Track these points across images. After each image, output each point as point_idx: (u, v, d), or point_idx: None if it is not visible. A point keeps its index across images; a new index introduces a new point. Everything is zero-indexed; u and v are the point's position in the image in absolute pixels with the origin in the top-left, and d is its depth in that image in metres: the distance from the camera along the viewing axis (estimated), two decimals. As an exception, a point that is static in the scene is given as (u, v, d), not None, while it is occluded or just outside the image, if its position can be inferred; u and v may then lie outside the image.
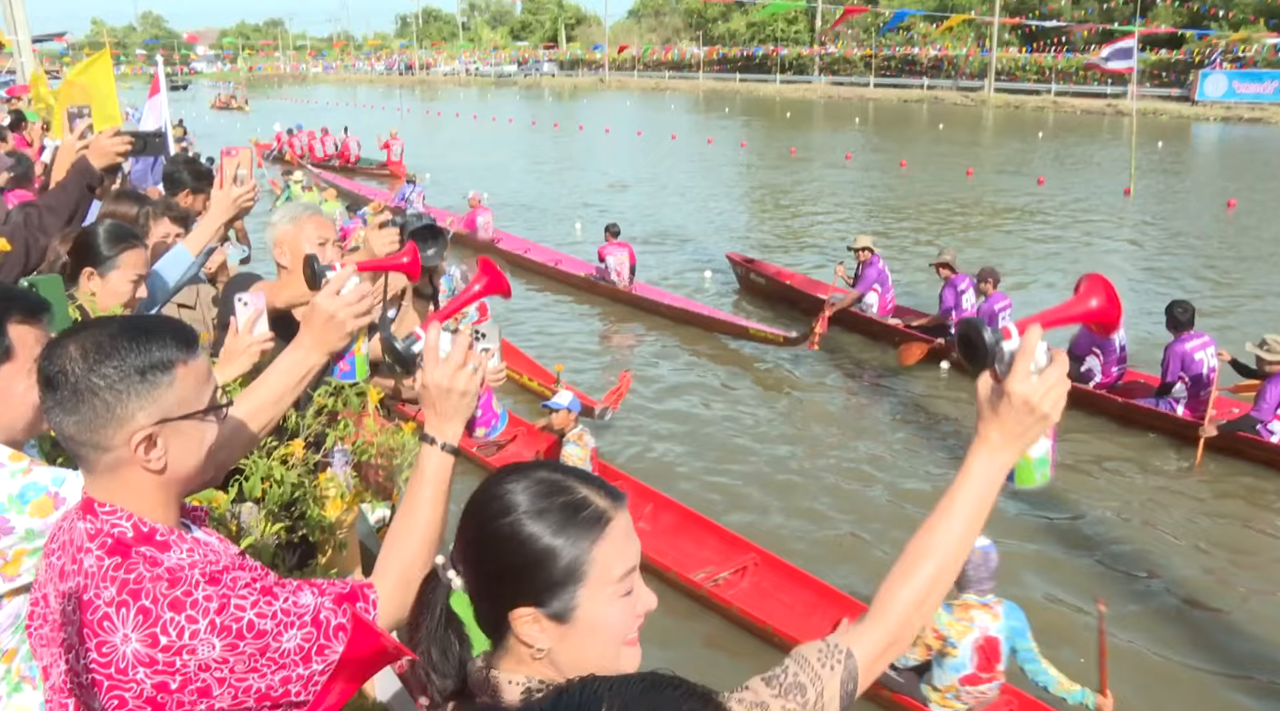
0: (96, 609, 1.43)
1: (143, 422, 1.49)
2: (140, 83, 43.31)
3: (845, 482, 7.91)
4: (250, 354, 2.73)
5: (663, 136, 36.67)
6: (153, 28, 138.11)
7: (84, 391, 1.47)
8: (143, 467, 1.51)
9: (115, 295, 3.11)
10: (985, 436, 1.44)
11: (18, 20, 17.47)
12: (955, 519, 1.45)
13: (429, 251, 2.78)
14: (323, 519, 2.93)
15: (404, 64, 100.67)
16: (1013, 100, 50.33)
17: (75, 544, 1.51)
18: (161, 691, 1.41)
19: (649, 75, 77.22)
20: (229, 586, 1.44)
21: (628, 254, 13.15)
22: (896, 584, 1.44)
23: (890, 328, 11.11)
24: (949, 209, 20.61)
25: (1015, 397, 1.37)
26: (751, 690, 1.34)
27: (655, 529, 6.73)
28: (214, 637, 1.40)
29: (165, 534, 1.52)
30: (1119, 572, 6.56)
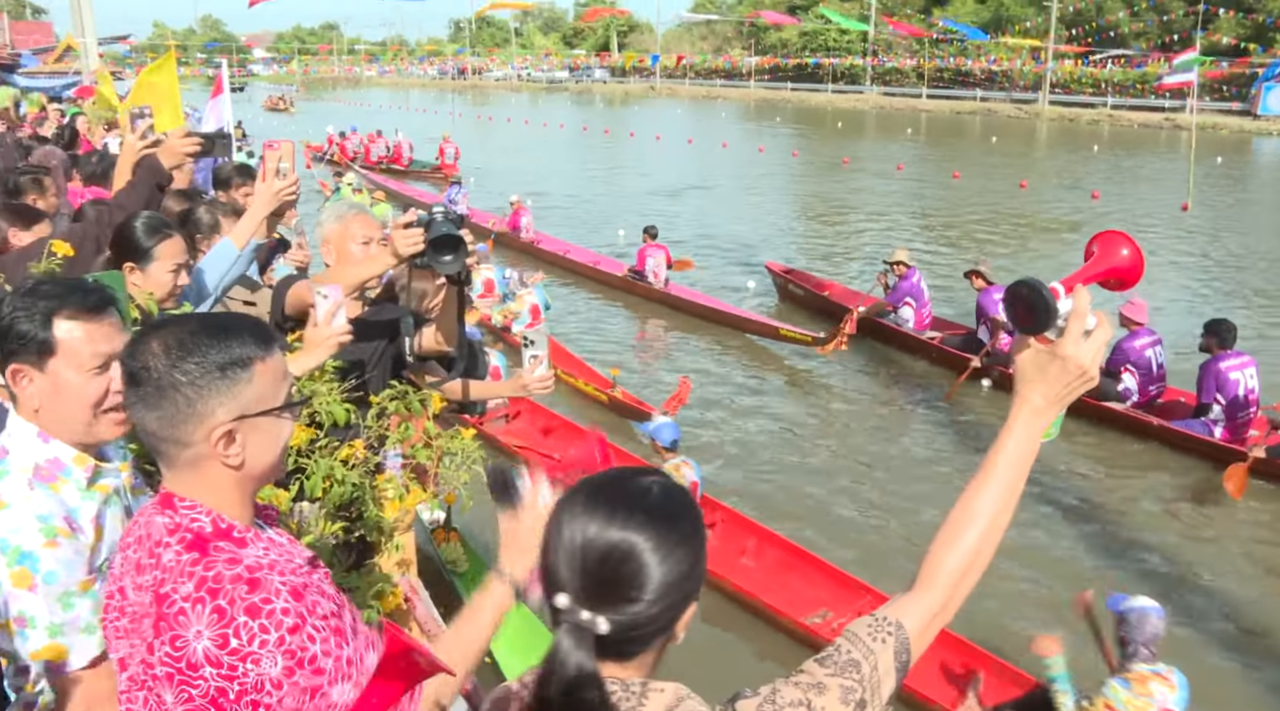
0: (173, 603, 1.44)
1: (222, 418, 1.51)
2: (199, 84, 44.07)
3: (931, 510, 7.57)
4: (329, 345, 2.77)
5: (713, 144, 36.64)
6: (211, 30, 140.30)
7: (166, 387, 1.49)
8: (222, 463, 1.53)
9: (157, 286, 3.15)
10: (1027, 398, 1.45)
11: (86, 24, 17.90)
12: (997, 482, 1.45)
13: (445, 258, 2.79)
14: (381, 519, 2.95)
15: (457, 68, 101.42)
16: (1067, 113, 49.65)
17: (153, 538, 1.53)
18: (221, 696, 1.41)
19: (700, 83, 77.23)
20: (309, 608, 1.44)
21: (665, 255, 13.53)
22: (942, 551, 1.44)
23: (924, 343, 11.01)
24: (1001, 221, 20.38)
25: (1070, 361, 1.39)
26: (807, 672, 1.34)
27: (760, 566, 6.36)
28: (279, 654, 1.40)
29: (242, 531, 1.54)
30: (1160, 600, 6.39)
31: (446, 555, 6.03)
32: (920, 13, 65.48)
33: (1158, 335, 9.09)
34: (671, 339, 12.39)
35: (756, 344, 11.79)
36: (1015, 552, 6.64)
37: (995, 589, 6.09)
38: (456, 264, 2.80)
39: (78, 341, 1.89)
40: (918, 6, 66.93)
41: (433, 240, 2.74)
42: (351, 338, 2.81)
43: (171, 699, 1.44)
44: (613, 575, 1.25)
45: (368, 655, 1.49)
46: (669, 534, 1.27)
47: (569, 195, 23.79)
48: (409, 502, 3.05)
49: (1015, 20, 57.63)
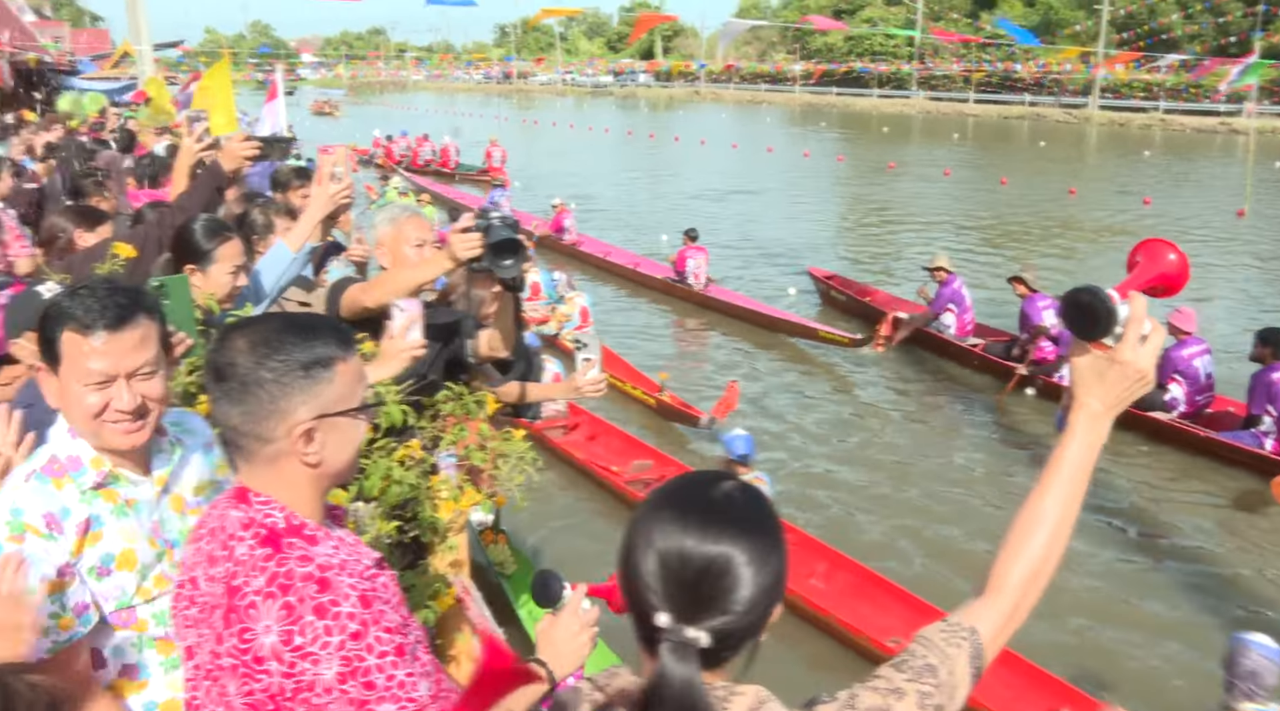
0: (244, 596, 1.46)
1: (303, 416, 1.53)
2: (249, 88, 44.59)
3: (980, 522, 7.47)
4: (403, 358, 2.80)
5: (758, 149, 36.55)
6: (261, 36, 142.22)
7: (250, 383, 1.51)
8: (300, 460, 1.55)
9: (218, 287, 3.21)
10: (1086, 403, 1.46)
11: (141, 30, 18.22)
12: (1061, 487, 1.45)
13: (506, 263, 2.80)
14: (435, 520, 2.97)
15: (503, 73, 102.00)
16: (1118, 117, 48.94)
17: (227, 531, 1.55)
18: (280, 693, 1.43)
19: (744, 88, 77.08)
20: (374, 618, 1.45)
21: (705, 257, 13.66)
22: (1010, 557, 1.44)
23: (966, 350, 10.89)
24: (1050, 227, 20.14)
25: (1129, 366, 1.40)
26: (884, 677, 1.34)
27: (831, 589, 6.18)
28: (337, 659, 1.42)
29: (313, 529, 1.55)
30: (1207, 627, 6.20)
31: (494, 557, 6.06)
32: (967, 16, 64.95)
33: (1206, 344, 8.93)
34: (713, 341, 12.43)
35: (798, 348, 11.80)
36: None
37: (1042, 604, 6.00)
38: (515, 268, 2.81)
39: (78, 356, 1.87)
40: (965, 10, 66.40)
41: (493, 245, 2.75)
42: (425, 351, 2.85)
43: (235, 690, 1.47)
44: (711, 589, 1.24)
45: (422, 683, 1.49)
46: (761, 542, 1.27)
47: (613, 199, 23.86)
48: (463, 504, 3.07)
49: (1064, 24, 56.96)
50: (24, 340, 2.68)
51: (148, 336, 1.91)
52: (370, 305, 3.12)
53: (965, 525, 7.34)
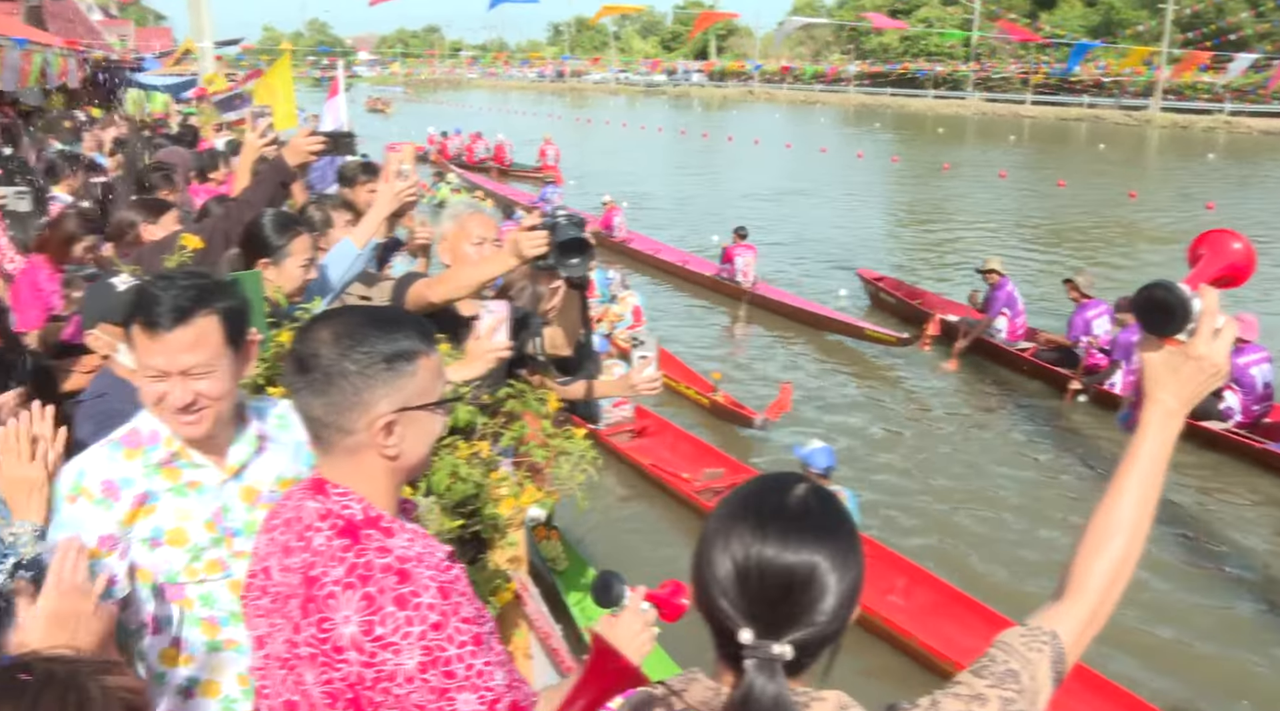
0: (323, 586, 1.48)
1: (384, 409, 1.54)
2: (305, 85, 45.21)
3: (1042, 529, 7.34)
4: (488, 359, 2.84)
5: (812, 149, 36.37)
6: (318, 34, 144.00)
7: (335, 375, 1.53)
8: (379, 453, 1.56)
9: (290, 281, 3.26)
10: (1159, 400, 1.45)
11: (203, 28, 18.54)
12: (1137, 486, 1.44)
13: (573, 262, 2.81)
14: (496, 517, 3.00)
15: (556, 71, 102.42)
16: (1180, 120, 48.01)
17: (303, 521, 1.57)
18: (359, 682, 1.45)
19: (798, 88, 76.71)
20: (453, 609, 1.46)
21: (753, 255, 13.74)
22: (1089, 560, 1.42)
23: (1014, 354, 10.75)
24: (1108, 231, 19.82)
25: (1204, 360, 1.40)
26: (964, 683, 1.32)
27: (911, 606, 5.92)
28: (418, 649, 1.43)
29: (389, 521, 1.56)
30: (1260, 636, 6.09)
31: (546, 553, 6.09)
32: (1026, 17, 64.05)
33: (1266, 352, 8.71)
34: (762, 339, 12.49)
35: (847, 348, 11.79)
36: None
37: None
38: (582, 268, 2.82)
39: (141, 349, 1.96)
40: (1023, 11, 65.47)
41: (560, 244, 2.75)
42: (511, 354, 2.87)
43: (312, 679, 1.49)
44: (794, 601, 1.22)
45: (498, 672, 1.50)
46: (841, 547, 1.25)
47: (666, 197, 23.86)
48: (524, 501, 3.09)
49: (1127, 24, 55.90)
50: (99, 331, 2.75)
51: (206, 336, 1.94)
52: (435, 301, 3.15)
53: (1035, 536, 7.21)
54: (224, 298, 2.00)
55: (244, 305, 2.06)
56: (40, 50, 14.25)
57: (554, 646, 3.44)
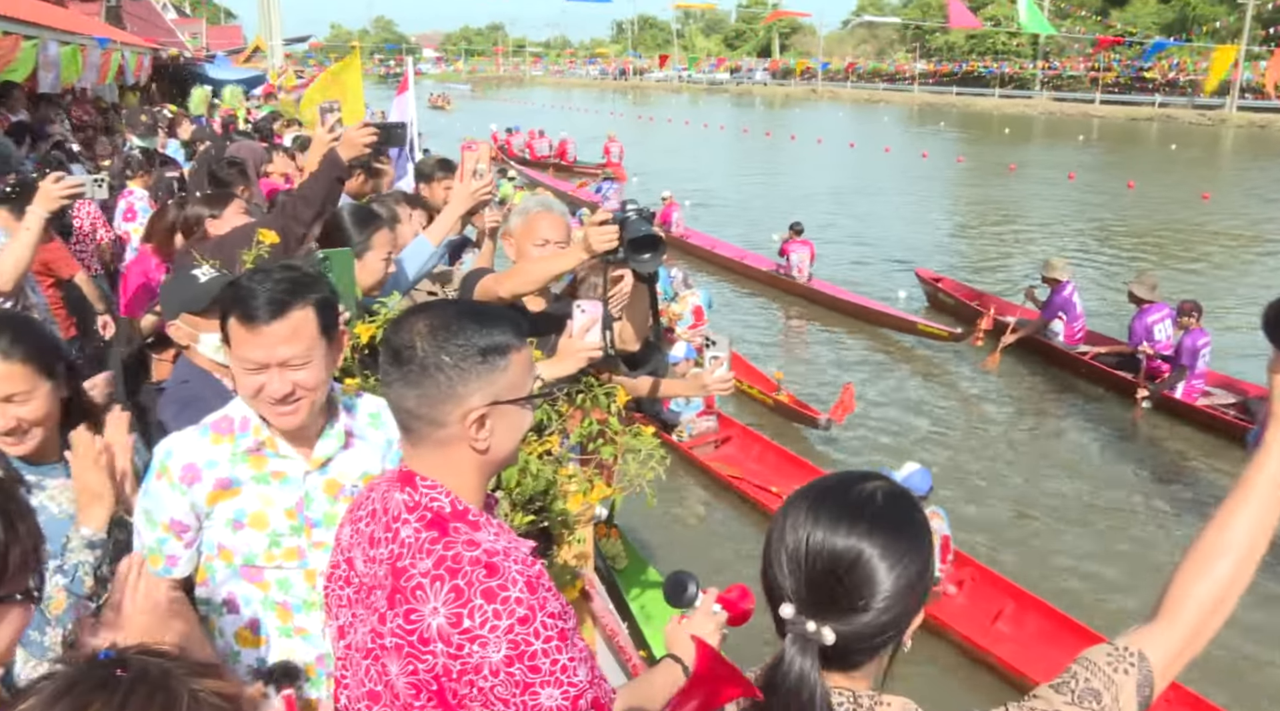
0: (411, 577, 1.50)
1: (477, 403, 1.56)
2: (370, 83, 45.81)
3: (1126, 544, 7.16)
4: (580, 358, 2.86)
5: (875, 148, 36.03)
6: (384, 31, 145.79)
7: (430, 367, 1.54)
8: (470, 446, 1.58)
9: (371, 274, 3.30)
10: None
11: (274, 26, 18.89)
12: (1256, 506, 1.36)
13: (644, 257, 2.80)
14: (565, 513, 3.02)
15: (619, 69, 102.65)
16: (1257, 119, 46.70)
17: (391, 513, 1.59)
18: (445, 674, 1.46)
19: (862, 86, 76.07)
20: (540, 603, 1.47)
21: (809, 251, 13.91)
22: (1190, 581, 1.35)
23: (1072, 358, 10.54)
24: (1180, 234, 19.36)
25: None
26: (1041, 698, 1.30)
27: (1020, 635, 5.67)
28: (505, 642, 1.43)
29: (476, 514, 1.58)
30: None
31: (607, 551, 6.10)
32: (1097, 14, 62.81)
33: None
34: (817, 335, 12.59)
35: (905, 347, 11.79)
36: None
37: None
38: (654, 263, 2.81)
39: (238, 342, 2.00)
40: (1094, 8, 64.20)
41: (632, 240, 2.75)
42: (602, 354, 2.89)
43: (397, 669, 1.50)
44: (839, 584, 1.25)
45: (581, 667, 1.50)
46: (896, 540, 1.27)
47: (728, 195, 23.79)
48: (592, 497, 3.11)
49: (1203, 20, 54.52)
50: (180, 321, 2.79)
51: (302, 328, 1.99)
52: (504, 295, 3.16)
53: (1109, 549, 7.04)
54: (317, 290, 2.05)
55: (335, 297, 2.12)
56: (118, 48, 14.62)
57: (620, 644, 3.46)
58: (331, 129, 4.08)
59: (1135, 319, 9.89)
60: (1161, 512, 7.70)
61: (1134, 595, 6.30)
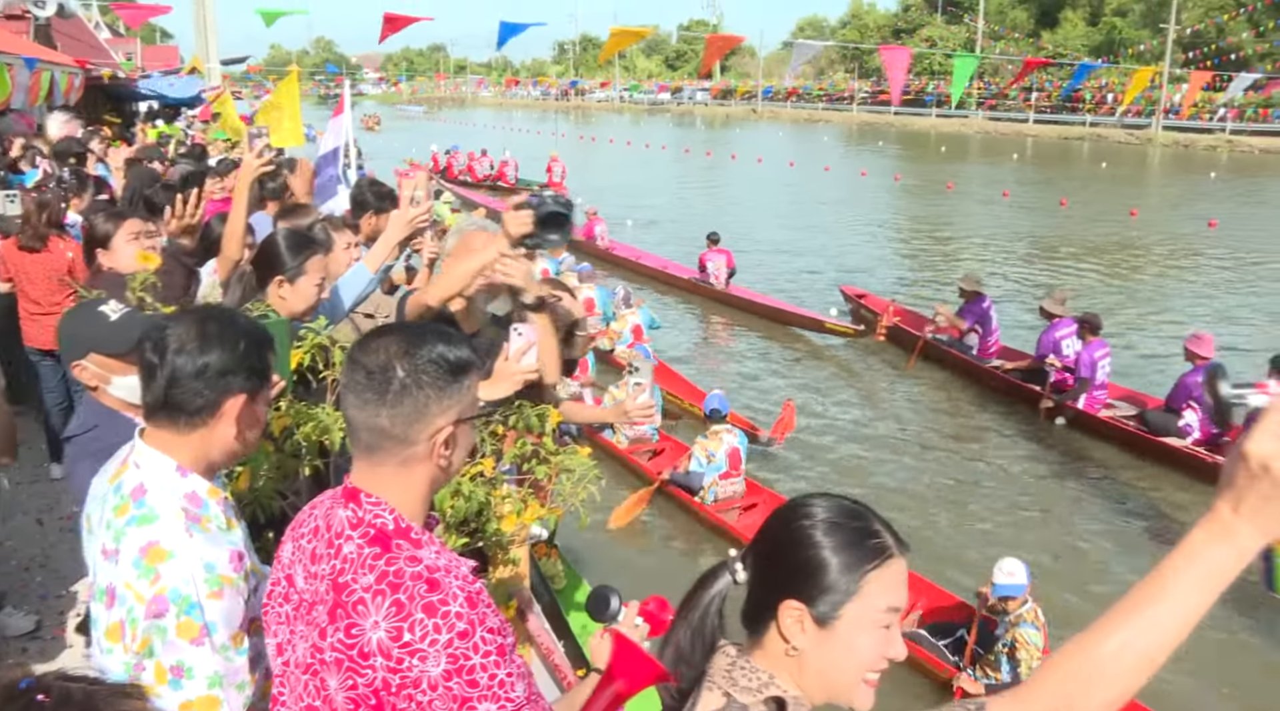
0: (352, 592, 1.50)
1: (444, 422, 1.59)
2: (309, 103, 45.44)
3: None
4: (515, 380, 2.87)
5: (816, 167, 36.47)
6: (324, 52, 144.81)
7: (411, 387, 1.57)
8: (436, 464, 1.61)
9: (304, 299, 3.28)
10: (1215, 511, 1.15)
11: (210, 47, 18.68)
12: (1153, 611, 1.17)
13: (552, 237, 2.85)
14: (500, 534, 3.03)
15: (561, 90, 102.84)
16: (1182, 138, 48.14)
17: (334, 529, 1.60)
18: (384, 688, 1.46)
19: (801, 106, 76.94)
20: (479, 618, 1.49)
21: (726, 259, 14.83)
22: (1059, 669, 1.23)
23: (984, 370, 10.88)
24: (1110, 250, 19.86)
25: (1251, 460, 1.10)
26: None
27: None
28: (444, 657, 1.45)
29: (418, 532, 1.60)
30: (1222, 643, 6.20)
31: (546, 570, 6.11)
32: (1029, 36, 64.29)
33: None
34: (739, 340, 13.29)
35: (829, 354, 12.47)
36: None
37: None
38: (563, 240, 2.88)
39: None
40: (1026, 30, 65.72)
41: (541, 218, 2.80)
42: (538, 376, 2.91)
43: (336, 684, 1.51)
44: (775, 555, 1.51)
45: (519, 683, 1.51)
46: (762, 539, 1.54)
47: (671, 214, 23.92)
48: (526, 518, 3.12)
49: (1129, 43, 56.10)
50: (89, 362, 2.58)
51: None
52: (433, 304, 3.16)
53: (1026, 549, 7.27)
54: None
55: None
56: (48, 68, 14.36)
57: (556, 662, 3.47)
58: (260, 154, 4.07)
59: (1044, 333, 10.24)
60: (1057, 516, 8.07)
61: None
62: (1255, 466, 1.10)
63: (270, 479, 2.78)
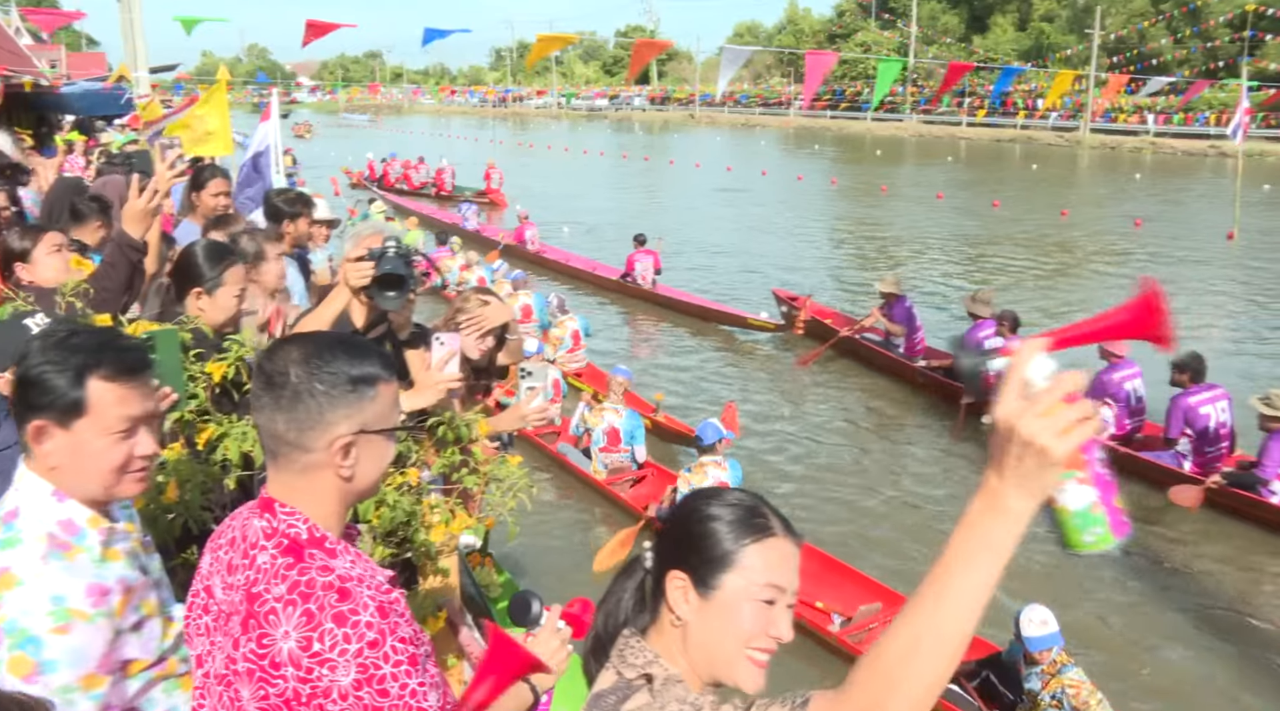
0: (264, 602, 1.50)
1: (344, 430, 1.58)
2: (243, 111, 44.80)
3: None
4: (438, 390, 2.84)
5: (753, 172, 36.69)
6: (258, 59, 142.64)
7: (303, 393, 1.57)
8: (335, 473, 1.60)
9: (222, 311, 3.24)
10: (985, 481, 1.15)
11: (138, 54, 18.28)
12: (948, 587, 1.16)
13: (389, 295, 2.80)
14: (428, 544, 3.01)
15: (499, 97, 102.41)
16: (1108, 140, 49.27)
17: (249, 540, 1.59)
18: (295, 698, 1.46)
19: (739, 111, 77.42)
20: (390, 628, 1.49)
21: (653, 260, 15.19)
22: (871, 660, 1.20)
23: (912, 369, 11.08)
24: (1041, 250, 20.24)
25: (1000, 426, 1.11)
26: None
27: (840, 596, 6.31)
28: (354, 666, 1.45)
29: (333, 542, 1.59)
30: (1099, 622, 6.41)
31: (482, 580, 6.07)
32: (960, 40, 65.43)
33: (1137, 368, 8.94)
34: (666, 339, 13.57)
35: (758, 352, 12.84)
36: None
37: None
38: (398, 302, 2.80)
39: (109, 404, 1.79)
40: (957, 35, 66.88)
41: (378, 276, 2.75)
42: (461, 385, 2.88)
43: (249, 694, 1.50)
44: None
45: (431, 693, 1.52)
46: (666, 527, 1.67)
47: (609, 219, 23.91)
48: (454, 528, 3.10)
49: (1056, 48, 57.37)
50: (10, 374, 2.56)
51: (151, 384, 1.92)
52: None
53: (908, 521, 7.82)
54: None
55: None
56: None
57: (487, 673, 3.44)
58: (172, 165, 4.00)
59: (968, 332, 10.44)
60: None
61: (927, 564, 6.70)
62: (1003, 429, 1.11)
63: (197, 491, 2.74)
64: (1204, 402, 8.08)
